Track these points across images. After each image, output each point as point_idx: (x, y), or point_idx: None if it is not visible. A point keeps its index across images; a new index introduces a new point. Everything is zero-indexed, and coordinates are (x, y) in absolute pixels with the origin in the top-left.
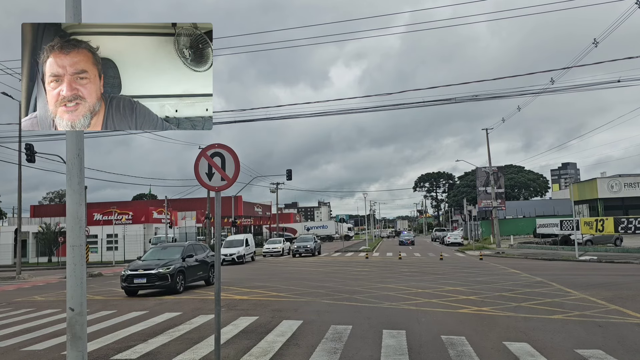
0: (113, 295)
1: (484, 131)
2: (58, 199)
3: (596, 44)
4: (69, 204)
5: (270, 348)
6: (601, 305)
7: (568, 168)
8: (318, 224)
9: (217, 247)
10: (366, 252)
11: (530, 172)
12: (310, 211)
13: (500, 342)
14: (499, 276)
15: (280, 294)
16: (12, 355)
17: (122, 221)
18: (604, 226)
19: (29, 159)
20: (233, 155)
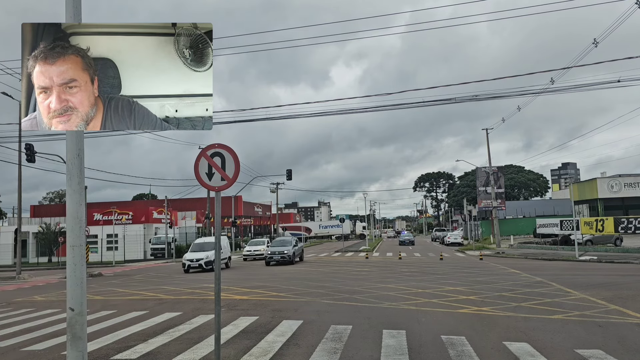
0: (113, 295)
1: (484, 131)
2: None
3: (596, 44)
4: (69, 204)
5: (271, 348)
6: (601, 305)
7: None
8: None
9: (217, 247)
10: (366, 252)
11: (530, 172)
12: (310, 211)
13: (500, 342)
14: (499, 276)
15: (280, 294)
16: (12, 355)
17: (122, 221)
18: (604, 226)
19: (29, 159)
20: (233, 155)
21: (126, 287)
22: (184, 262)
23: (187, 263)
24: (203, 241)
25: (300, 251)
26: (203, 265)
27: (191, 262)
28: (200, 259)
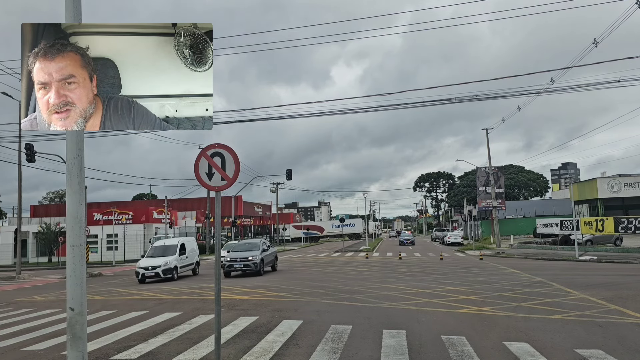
0: (113, 295)
1: (484, 131)
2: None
3: (596, 44)
4: (69, 204)
5: (271, 348)
6: (601, 305)
7: (568, 168)
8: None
9: (217, 248)
10: (366, 252)
11: (530, 172)
12: (310, 211)
13: (500, 342)
14: (499, 276)
15: (280, 294)
16: (12, 355)
17: (122, 221)
18: (604, 226)
19: (29, 159)
20: (233, 155)
21: (126, 287)
22: (137, 270)
23: (141, 272)
24: (164, 244)
25: (272, 258)
26: (160, 274)
27: (146, 270)
28: (157, 267)
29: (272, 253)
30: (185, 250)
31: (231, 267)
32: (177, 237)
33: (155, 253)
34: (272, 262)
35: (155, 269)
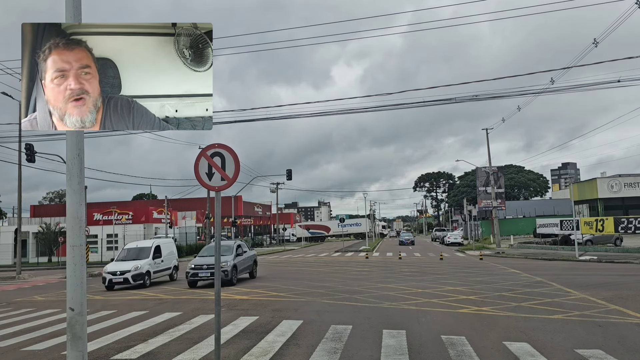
0: (113, 295)
1: (484, 131)
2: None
3: (596, 44)
4: (69, 204)
5: (271, 348)
6: (601, 305)
7: (568, 168)
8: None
9: (217, 248)
10: (366, 252)
11: (530, 172)
12: (310, 211)
13: (500, 342)
14: (499, 276)
15: (280, 294)
16: (12, 355)
17: (122, 221)
18: (604, 226)
19: (29, 159)
20: (233, 155)
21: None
22: (104, 275)
23: (108, 277)
24: (137, 246)
25: (249, 263)
26: (130, 280)
27: (114, 275)
28: (126, 271)
29: (250, 257)
30: (161, 254)
31: (196, 276)
32: (152, 239)
33: (127, 256)
34: (249, 267)
35: (123, 274)
